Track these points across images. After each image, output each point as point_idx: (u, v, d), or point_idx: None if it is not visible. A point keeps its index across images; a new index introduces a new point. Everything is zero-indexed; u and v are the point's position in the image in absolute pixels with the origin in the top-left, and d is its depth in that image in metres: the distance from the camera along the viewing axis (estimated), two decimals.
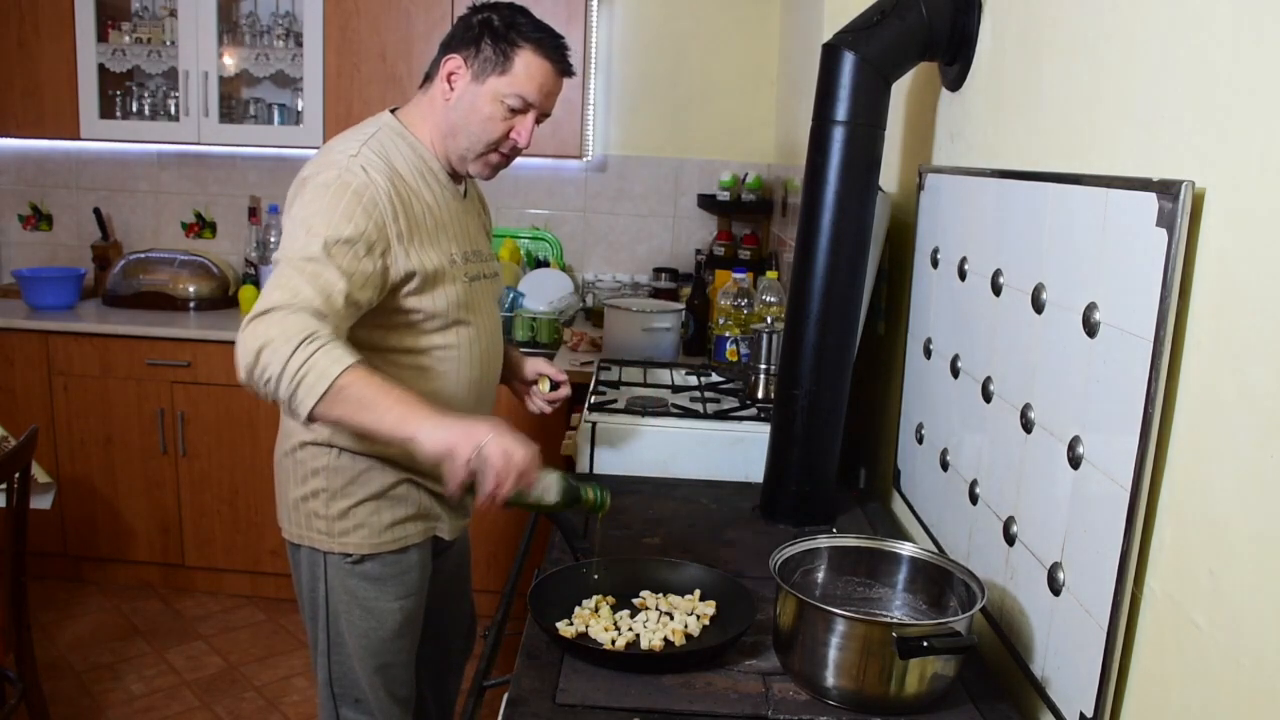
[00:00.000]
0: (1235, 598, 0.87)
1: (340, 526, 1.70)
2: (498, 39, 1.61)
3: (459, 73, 1.64)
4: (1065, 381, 1.16)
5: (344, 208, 1.49)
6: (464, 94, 1.63)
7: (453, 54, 1.64)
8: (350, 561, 1.71)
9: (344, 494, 1.69)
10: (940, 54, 1.67)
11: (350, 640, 1.75)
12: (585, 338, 3.14)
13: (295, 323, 1.38)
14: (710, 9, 3.56)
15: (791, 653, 1.22)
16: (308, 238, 1.46)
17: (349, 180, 1.52)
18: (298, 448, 1.72)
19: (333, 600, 1.74)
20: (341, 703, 1.80)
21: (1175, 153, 0.99)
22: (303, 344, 1.37)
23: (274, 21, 3.52)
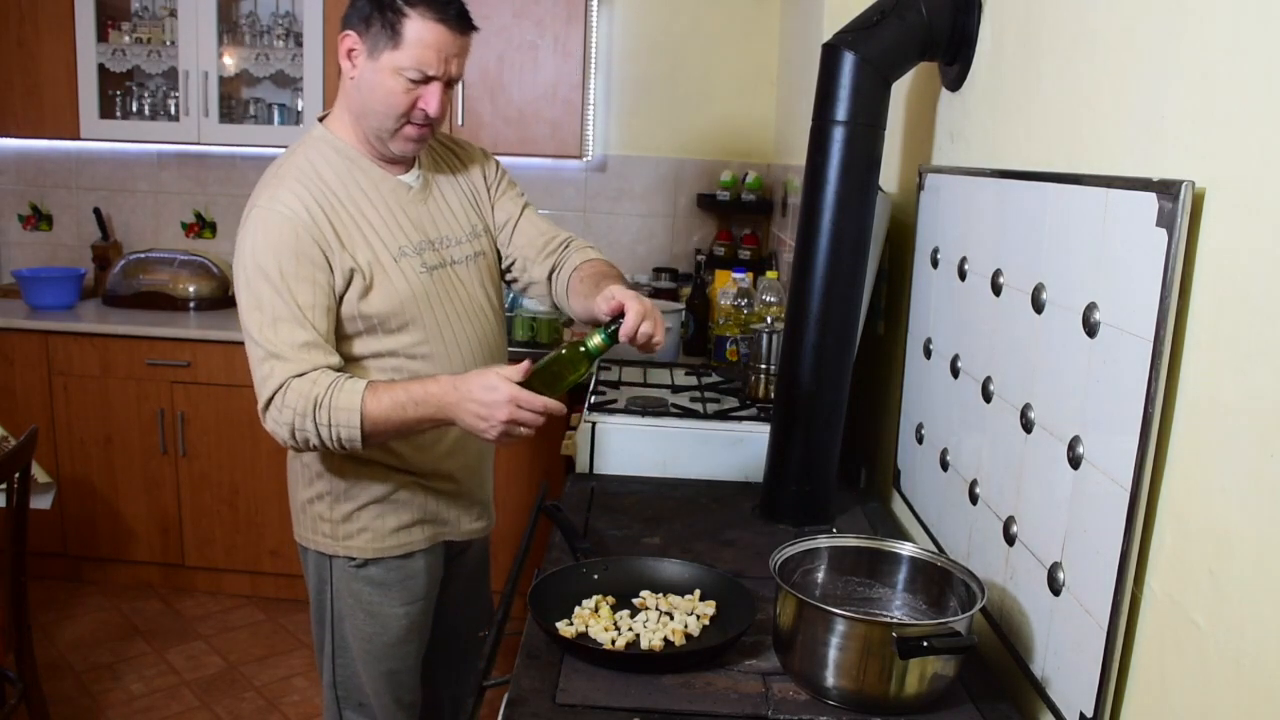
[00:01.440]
0: (1235, 598, 0.87)
1: (344, 530, 1.70)
2: (384, 9, 1.55)
3: (356, 49, 1.60)
4: (1065, 381, 1.16)
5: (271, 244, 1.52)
6: (364, 72, 1.59)
7: (347, 31, 1.59)
8: (354, 565, 1.71)
9: (347, 497, 1.69)
10: (940, 54, 1.67)
11: (355, 644, 1.75)
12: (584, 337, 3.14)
13: (295, 397, 1.49)
14: (710, 9, 3.56)
15: (791, 653, 1.22)
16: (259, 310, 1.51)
17: (267, 208, 1.54)
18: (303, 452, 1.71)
19: (338, 604, 1.74)
20: (345, 706, 1.80)
21: (1175, 153, 0.99)
22: (316, 409, 1.48)
23: (274, 21, 3.52)
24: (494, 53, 3.27)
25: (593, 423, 2.08)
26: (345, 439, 1.50)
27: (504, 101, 3.30)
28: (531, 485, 3.18)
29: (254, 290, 1.52)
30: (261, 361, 1.51)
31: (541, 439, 3.05)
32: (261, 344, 1.51)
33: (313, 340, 1.52)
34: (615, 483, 1.97)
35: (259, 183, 1.63)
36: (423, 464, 1.71)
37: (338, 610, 1.74)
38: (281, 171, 1.60)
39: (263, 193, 1.58)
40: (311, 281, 1.53)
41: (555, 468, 2.84)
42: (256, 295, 1.52)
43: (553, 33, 3.27)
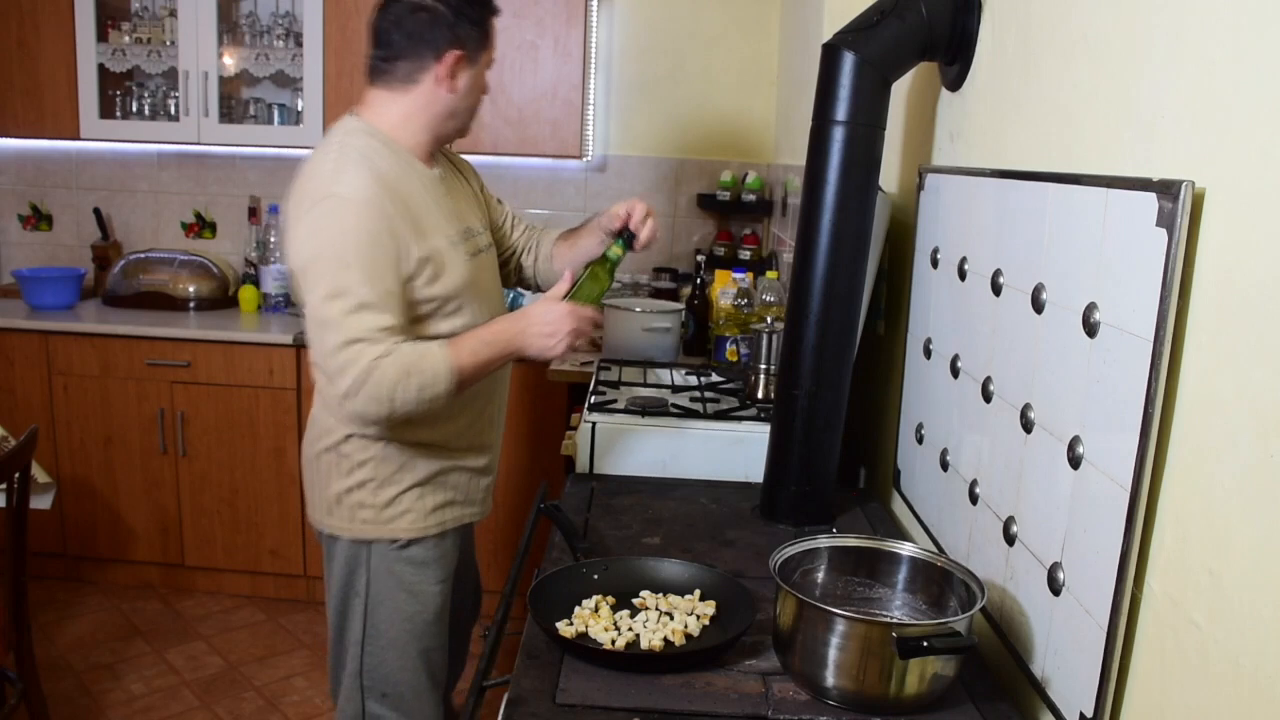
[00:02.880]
0: (1235, 598, 0.87)
1: (388, 513, 1.76)
2: (477, 20, 1.69)
3: (459, 66, 1.69)
4: (1065, 381, 1.16)
5: (351, 231, 1.57)
6: (466, 81, 1.71)
7: (449, 51, 1.67)
8: (398, 547, 1.78)
9: (392, 481, 1.76)
10: (940, 54, 1.67)
11: (392, 629, 1.80)
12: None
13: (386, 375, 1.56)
14: (710, 9, 3.56)
15: (791, 653, 1.22)
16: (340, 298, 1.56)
17: (347, 196, 1.59)
18: (342, 441, 1.76)
19: (374, 589, 1.79)
20: (369, 695, 1.83)
21: (1175, 153, 0.99)
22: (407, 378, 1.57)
23: (274, 21, 3.52)
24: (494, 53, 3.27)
25: (593, 423, 2.08)
26: (436, 396, 1.60)
27: (504, 101, 3.30)
28: (531, 485, 3.18)
29: (334, 278, 1.56)
30: (342, 348, 1.55)
31: (541, 439, 3.06)
32: (342, 330, 1.55)
33: (395, 325, 1.59)
34: (615, 483, 1.97)
35: (311, 173, 1.66)
36: (462, 445, 1.82)
37: (373, 596, 1.79)
38: (342, 162, 1.63)
39: (324, 181, 1.61)
40: (392, 268, 1.60)
41: (555, 468, 2.84)
42: (336, 283, 1.56)
43: (553, 33, 3.27)
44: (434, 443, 1.77)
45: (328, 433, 1.78)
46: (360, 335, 1.55)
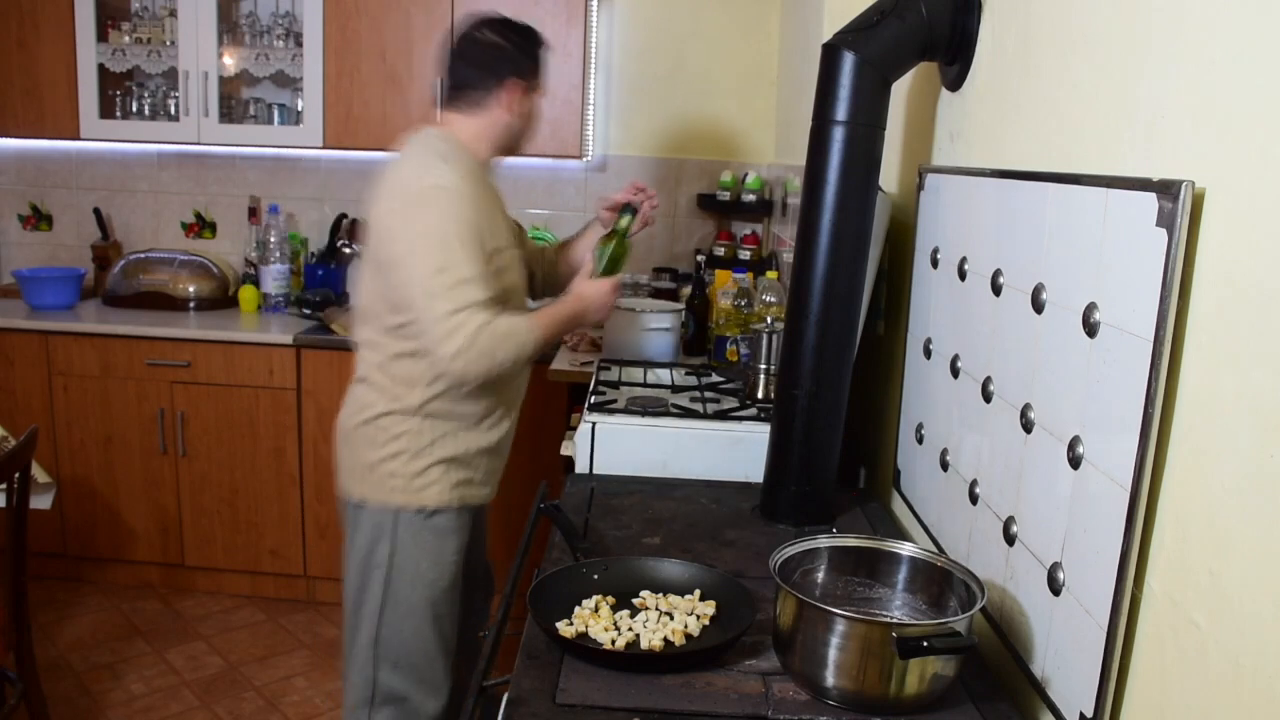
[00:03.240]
0: (1235, 598, 0.87)
1: (418, 483, 1.94)
2: (535, 54, 2.02)
3: (518, 92, 1.98)
4: (1065, 381, 1.16)
5: (452, 217, 1.83)
6: (525, 106, 2.01)
7: (511, 79, 1.96)
8: (424, 515, 1.95)
9: (423, 454, 1.93)
10: (940, 54, 1.67)
11: (412, 594, 1.95)
12: (585, 338, 3.14)
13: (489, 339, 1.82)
14: (710, 9, 3.56)
15: (791, 653, 1.22)
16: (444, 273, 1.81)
17: (446, 186, 1.84)
18: (380, 416, 1.94)
19: (398, 556, 1.94)
20: (381, 664, 1.97)
21: (1175, 153, 0.99)
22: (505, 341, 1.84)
23: (274, 21, 3.52)
24: None
25: (593, 423, 2.08)
26: (521, 359, 1.89)
27: None
28: (531, 485, 3.17)
29: (441, 256, 1.81)
30: (451, 315, 1.80)
31: (542, 439, 3.06)
32: (451, 300, 1.80)
33: (489, 298, 1.84)
34: (615, 483, 1.97)
35: (404, 169, 1.90)
36: (488, 431, 2.02)
37: (397, 563, 1.94)
38: (433, 160, 1.89)
39: (423, 175, 1.86)
40: (482, 251, 1.86)
41: (555, 468, 2.84)
42: (443, 260, 1.80)
43: (553, 33, 3.26)
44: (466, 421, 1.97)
45: (368, 407, 1.96)
46: (467, 303, 1.80)
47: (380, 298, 1.91)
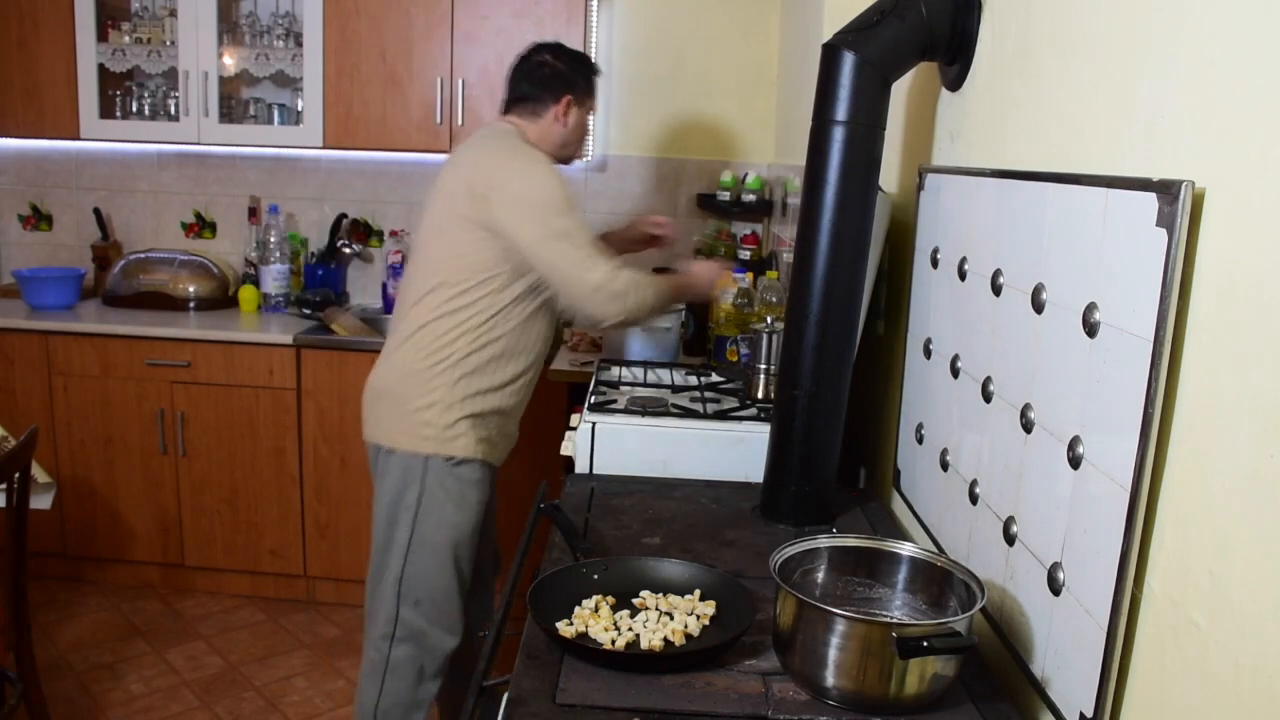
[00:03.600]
0: (1235, 598, 0.87)
1: (449, 434, 2.14)
2: (589, 77, 2.32)
3: (570, 107, 2.27)
4: (1065, 381, 1.16)
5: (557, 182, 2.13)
6: (574, 119, 2.30)
7: (566, 95, 2.27)
8: (453, 463, 2.15)
9: (455, 408, 2.14)
10: (940, 54, 1.67)
11: (437, 535, 2.16)
12: (585, 338, 3.14)
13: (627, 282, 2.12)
14: (710, 9, 3.56)
15: (791, 653, 1.22)
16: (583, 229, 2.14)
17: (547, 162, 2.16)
18: (424, 370, 2.14)
19: (426, 499, 2.15)
20: (404, 601, 2.18)
21: (1175, 153, 0.99)
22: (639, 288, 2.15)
23: (274, 21, 3.52)
24: (494, 53, 3.27)
25: (593, 423, 2.08)
26: (652, 309, 2.20)
27: None
28: (531, 485, 3.17)
29: (569, 216, 2.11)
30: (593, 259, 2.10)
31: (541, 439, 3.06)
32: (588, 249, 2.11)
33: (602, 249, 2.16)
34: (615, 483, 1.97)
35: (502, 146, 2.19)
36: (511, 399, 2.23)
37: (425, 505, 2.15)
38: (522, 146, 2.20)
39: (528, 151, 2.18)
40: None
41: (555, 468, 2.84)
42: (570, 220, 2.10)
43: (553, 33, 3.27)
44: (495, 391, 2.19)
45: (410, 363, 2.16)
46: (598, 253, 2.11)
47: (445, 258, 2.14)
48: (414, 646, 2.19)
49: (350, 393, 3.24)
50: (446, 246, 2.15)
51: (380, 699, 2.21)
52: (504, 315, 2.14)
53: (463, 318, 2.13)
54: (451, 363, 2.13)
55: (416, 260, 2.24)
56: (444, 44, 3.29)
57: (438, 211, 2.19)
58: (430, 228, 2.21)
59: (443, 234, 2.16)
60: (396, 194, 3.74)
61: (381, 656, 2.20)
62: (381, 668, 2.20)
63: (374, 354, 3.28)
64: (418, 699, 2.22)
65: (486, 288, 2.12)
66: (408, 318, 2.19)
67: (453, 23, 3.27)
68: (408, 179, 3.72)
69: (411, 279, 2.23)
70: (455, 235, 2.13)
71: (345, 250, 3.68)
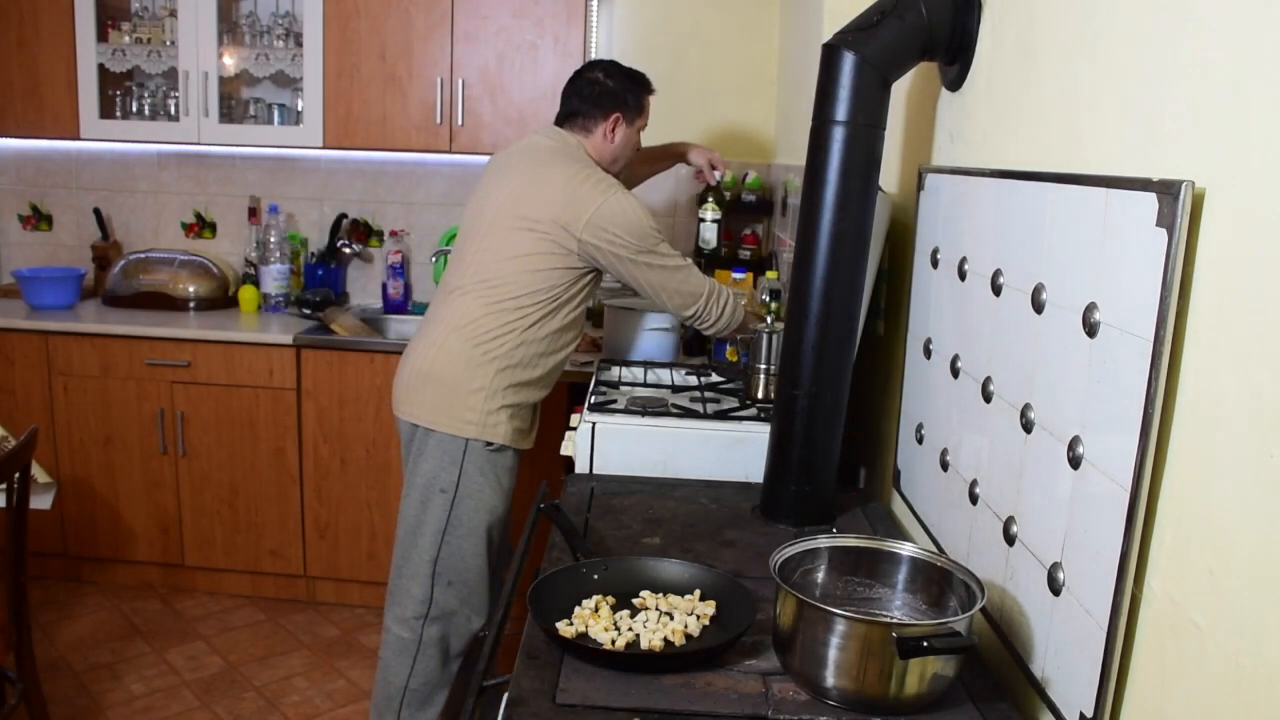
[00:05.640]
0: (1235, 598, 0.87)
1: (490, 420, 2.23)
2: (638, 96, 2.40)
3: (619, 124, 2.37)
4: (1065, 381, 1.16)
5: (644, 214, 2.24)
6: (622, 135, 2.38)
7: (615, 112, 2.36)
8: (492, 449, 2.25)
9: (497, 396, 2.23)
10: (940, 54, 1.67)
11: (474, 518, 2.25)
12: (585, 338, 3.14)
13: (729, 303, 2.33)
14: (710, 9, 3.56)
15: (791, 653, 1.22)
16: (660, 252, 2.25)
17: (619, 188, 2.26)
18: (473, 360, 2.22)
19: (465, 481, 2.24)
20: (439, 581, 2.26)
21: (1175, 153, 0.99)
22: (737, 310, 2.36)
23: (274, 21, 3.52)
24: (494, 53, 3.27)
25: (593, 423, 2.08)
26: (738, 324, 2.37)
27: (504, 101, 3.30)
28: (531, 485, 3.17)
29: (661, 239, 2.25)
30: (702, 280, 2.29)
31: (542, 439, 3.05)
32: (693, 270, 2.28)
33: None
34: (615, 483, 1.97)
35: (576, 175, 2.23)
36: (541, 392, 2.33)
37: (463, 488, 2.24)
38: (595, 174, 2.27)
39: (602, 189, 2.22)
40: None
41: (555, 468, 2.84)
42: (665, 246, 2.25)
43: (553, 33, 3.27)
44: (532, 382, 2.28)
45: (454, 352, 2.24)
46: (710, 283, 2.32)
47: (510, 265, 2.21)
48: (444, 626, 2.28)
49: (350, 393, 3.24)
50: (511, 252, 2.21)
51: (410, 678, 2.29)
52: (551, 320, 2.24)
53: (515, 319, 2.21)
54: (498, 356, 2.22)
55: (470, 248, 2.29)
56: (444, 44, 3.29)
57: (503, 211, 2.24)
58: (492, 223, 2.25)
59: (509, 239, 2.21)
60: (396, 194, 3.74)
61: (414, 636, 2.28)
62: (414, 647, 2.28)
63: (374, 354, 3.25)
64: (444, 678, 2.32)
65: (547, 302, 2.22)
66: (456, 306, 2.25)
67: (453, 23, 3.27)
68: (408, 179, 3.72)
69: (464, 264, 2.29)
70: (525, 246, 2.20)
71: (345, 250, 3.68)
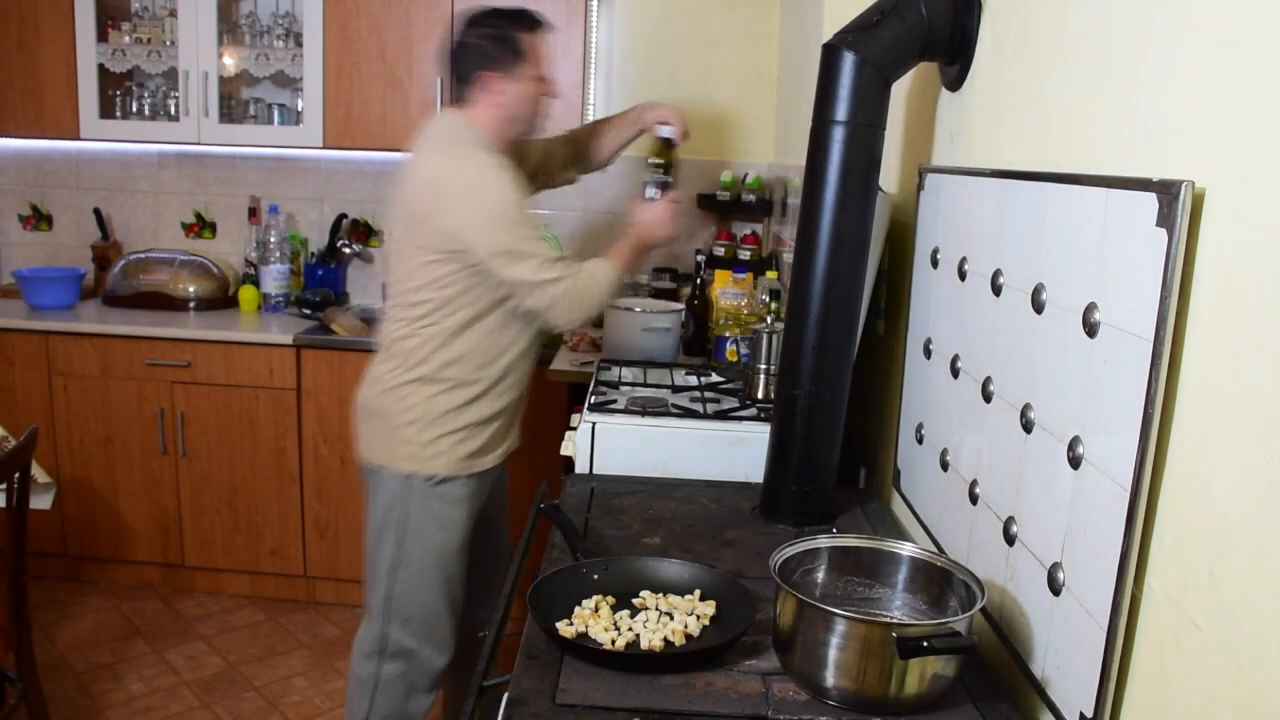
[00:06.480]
0: (1235, 598, 0.87)
1: (429, 452, 2.09)
2: (507, 41, 2.08)
3: (496, 81, 2.08)
4: (1065, 381, 1.16)
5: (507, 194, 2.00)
6: (509, 94, 2.09)
7: (481, 73, 2.08)
8: (434, 483, 2.09)
9: (435, 424, 2.09)
10: (940, 54, 1.67)
11: (424, 556, 2.11)
12: (585, 338, 3.14)
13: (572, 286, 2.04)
14: (710, 9, 3.56)
15: (791, 653, 1.22)
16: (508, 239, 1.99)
17: (487, 164, 2.01)
18: (398, 385, 2.10)
19: (411, 519, 2.10)
20: (393, 620, 2.14)
21: (1175, 153, 0.99)
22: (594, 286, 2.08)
23: (274, 21, 3.52)
24: None
25: (593, 423, 2.08)
26: (613, 292, 2.12)
27: None
28: (531, 485, 3.17)
29: (518, 226, 2.01)
30: (537, 287, 2.01)
31: (542, 439, 3.06)
32: (535, 254, 2.01)
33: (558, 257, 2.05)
34: (615, 483, 1.97)
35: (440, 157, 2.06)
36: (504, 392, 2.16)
37: (411, 525, 2.10)
38: (469, 145, 2.05)
39: (466, 157, 2.03)
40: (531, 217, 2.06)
41: (555, 468, 2.84)
42: (520, 229, 2.01)
43: (553, 33, 3.27)
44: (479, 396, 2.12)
45: (387, 378, 2.12)
46: (551, 256, 2.02)
47: (409, 274, 2.06)
48: (404, 663, 2.16)
49: (350, 393, 3.21)
50: (403, 263, 2.08)
51: (370, 713, 2.18)
52: (473, 327, 2.07)
53: (430, 333, 2.06)
54: (426, 378, 2.07)
55: (388, 268, 2.19)
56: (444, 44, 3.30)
57: (393, 217, 2.15)
58: (389, 233, 2.19)
59: (402, 246, 2.09)
60: None
61: (370, 673, 2.16)
62: (371, 684, 2.16)
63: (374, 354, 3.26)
64: (409, 713, 2.20)
65: (450, 304, 2.04)
66: (384, 329, 2.16)
67: (453, 23, 3.27)
68: None
69: (388, 288, 2.20)
70: (410, 254, 2.06)
71: (345, 250, 3.68)
